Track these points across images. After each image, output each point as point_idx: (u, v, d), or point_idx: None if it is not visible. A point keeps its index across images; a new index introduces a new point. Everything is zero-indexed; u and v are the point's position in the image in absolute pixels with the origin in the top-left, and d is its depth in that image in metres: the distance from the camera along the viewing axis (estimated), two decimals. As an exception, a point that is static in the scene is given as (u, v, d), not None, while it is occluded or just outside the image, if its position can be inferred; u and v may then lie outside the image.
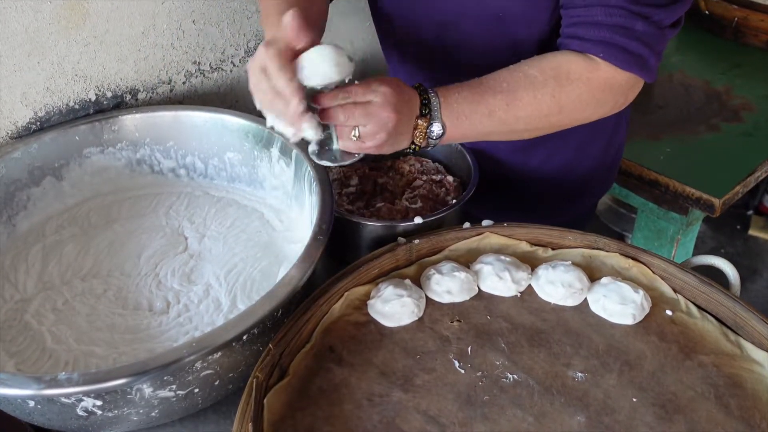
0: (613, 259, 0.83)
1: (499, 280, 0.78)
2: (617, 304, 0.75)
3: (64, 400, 0.62)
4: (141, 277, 0.88)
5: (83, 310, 0.83)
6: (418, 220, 0.88)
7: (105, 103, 1.07)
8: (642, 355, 0.72)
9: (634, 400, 0.67)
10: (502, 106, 0.78)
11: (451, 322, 0.75)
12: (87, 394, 0.61)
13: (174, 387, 0.65)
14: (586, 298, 0.78)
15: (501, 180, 1.08)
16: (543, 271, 0.80)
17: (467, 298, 0.78)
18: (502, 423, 0.65)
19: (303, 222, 0.95)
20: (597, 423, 0.65)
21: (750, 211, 2.39)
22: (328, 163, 0.78)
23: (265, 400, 0.64)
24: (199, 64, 1.16)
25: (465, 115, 0.77)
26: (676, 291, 0.79)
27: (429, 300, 0.78)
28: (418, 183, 1.03)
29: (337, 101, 0.71)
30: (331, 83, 0.71)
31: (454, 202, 0.96)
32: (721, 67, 1.67)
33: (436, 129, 0.77)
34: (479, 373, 0.69)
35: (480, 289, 0.79)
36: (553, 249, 0.85)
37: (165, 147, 1.04)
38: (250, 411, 0.62)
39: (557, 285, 0.78)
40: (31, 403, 0.62)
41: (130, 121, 1.03)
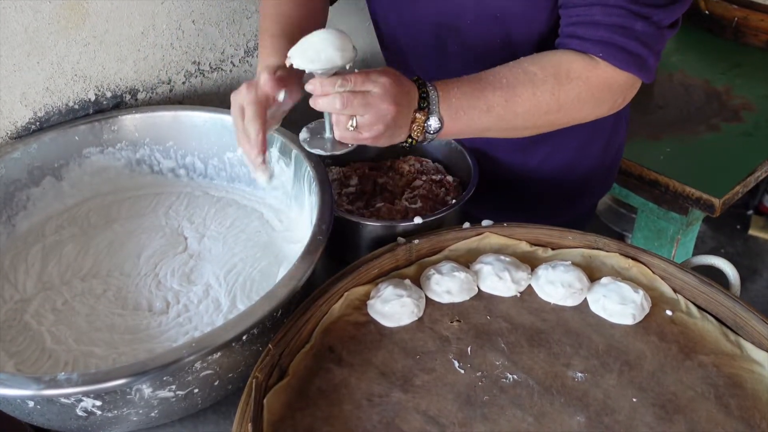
0: (613, 259, 0.83)
1: (498, 280, 0.78)
2: (617, 304, 0.75)
3: (63, 400, 0.62)
4: (140, 278, 0.88)
5: (83, 310, 0.83)
6: (418, 220, 0.88)
7: (104, 103, 1.07)
8: (642, 355, 0.72)
9: (634, 400, 0.67)
10: (501, 102, 0.77)
11: (451, 322, 0.75)
12: (86, 394, 0.61)
13: (173, 387, 0.65)
14: (585, 298, 0.78)
15: (501, 180, 1.08)
16: (543, 271, 0.80)
17: (467, 298, 0.78)
18: (501, 423, 0.64)
19: (303, 222, 0.95)
20: (597, 423, 0.65)
21: (750, 211, 2.39)
22: (320, 151, 0.77)
23: (264, 401, 0.64)
24: (198, 64, 1.16)
25: (463, 109, 0.77)
26: (676, 291, 0.79)
27: (429, 300, 0.78)
28: (417, 183, 1.03)
29: (335, 89, 0.70)
30: (334, 68, 0.70)
31: (454, 202, 0.96)
32: (721, 67, 1.67)
33: (434, 123, 0.76)
34: (479, 374, 0.69)
35: (480, 289, 0.79)
36: (553, 249, 0.85)
37: (165, 147, 1.04)
38: (249, 411, 0.62)
39: (557, 285, 0.78)
40: (31, 404, 0.62)
41: (130, 121, 1.03)
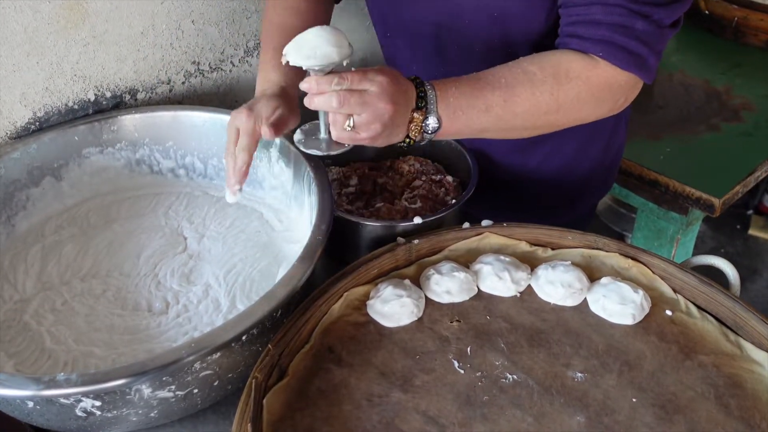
0: (613, 259, 0.83)
1: (498, 280, 0.78)
2: (617, 304, 0.75)
3: (63, 400, 0.62)
4: (140, 278, 0.88)
5: (82, 310, 0.83)
6: (418, 220, 0.88)
7: (104, 103, 1.07)
8: (642, 355, 0.72)
9: (634, 400, 0.67)
10: (499, 102, 0.77)
11: (451, 323, 0.75)
12: (86, 394, 0.61)
13: (173, 387, 0.65)
14: (585, 298, 0.78)
15: (500, 181, 1.07)
16: (542, 271, 0.80)
17: (467, 298, 0.78)
18: (501, 423, 0.64)
19: (302, 222, 0.95)
20: (596, 423, 0.65)
21: (750, 211, 2.39)
22: (316, 151, 0.77)
23: (264, 401, 0.64)
24: (198, 64, 1.16)
25: (462, 109, 0.76)
26: (675, 291, 0.79)
27: (428, 300, 0.78)
28: (417, 183, 1.03)
29: (332, 87, 0.70)
30: (330, 64, 0.70)
31: (454, 202, 0.96)
32: (721, 67, 1.67)
33: (432, 123, 0.75)
34: (479, 374, 0.69)
35: (479, 289, 0.79)
36: (553, 249, 0.85)
37: (164, 147, 1.04)
38: (249, 411, 0.62)
39: (557, 285, 0.78)
40: (30, 404, 0.62)
41: (130, 121, 1.03)
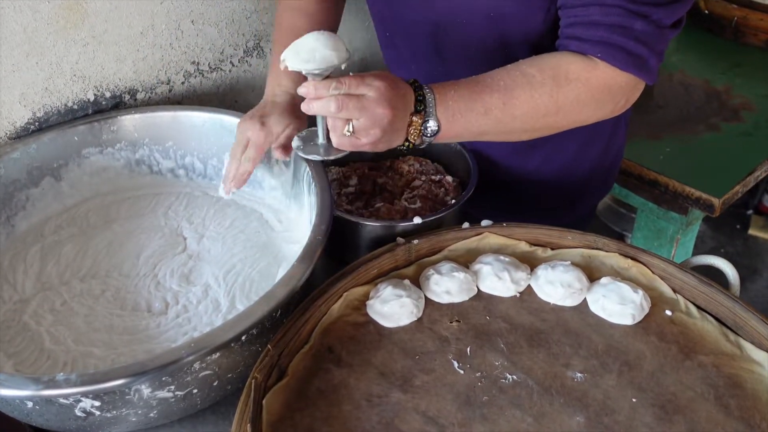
0: (613, 259, 0.83)
1: (498, 281, 0.78)
2: (617, 305, 0.75)
3: (62, 400, 0.62)
4: (140, 278, 0.88)
5: (82, 310, 0.83)
6: (418, 220, 0.88)
7: (103, 103, 1.07)
8: (641, 355, 0.72)
9: (634, 400, 0.67)
10: (498, 105, 0.76)
11: (450, 323, 0.75)
12: (85, 394, 0.61)
13: (172, 388, 0.65)
14: (585, 299, 0.78)
15: (500, 182, 1.07)
16: (542, 271, 0.80)
17: (466, 298, 0.78)
18: (501, 423, 0.64)
19: (302, 222, 0.95)
20: (596, 423, 0.65)
21: (750, 211, 2.39)
22: (316, 157, 0.78)
23: (263, 401, 0.64)
24: (197, 64, 1.16)
25: (460, 112, 0.76)
26: (675, 291, 0.79)
27: (428, 300, 0.78)
28: (417, 183, 1.03)
29: (330, 92, 0.70)
30: (329, 68, 0.70)
31: (454, 202, 0.96)
32: (720, 67, 1.67)
33: (431, 126, 0.75)
34: (478, 374, 0.69)
35: (479, 290, 0.79)
36: (553, 249, 0.85)
37: (164, 147, 1.04)
38: (248, 412, 0.62)
39: (556, 285, 0.78)
40: (30, 404, 0.62)
41: (129, 122, 1.03)
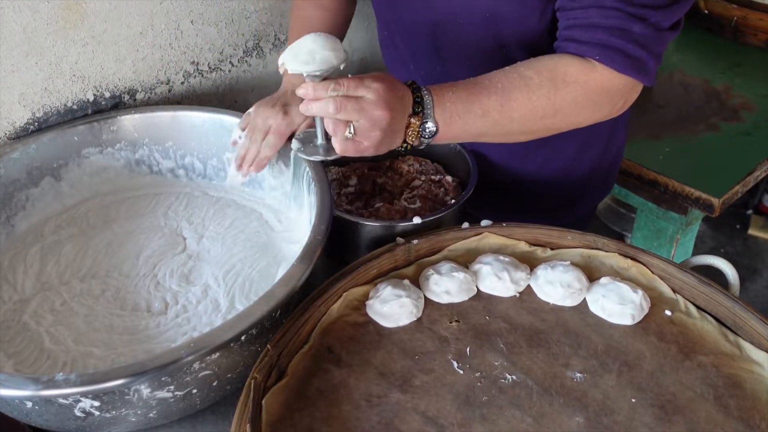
0: (612, 259, 0.83)
1: (497, 281, 0.78)
2: (616, 305, 0.75)
3: (61, 401, 0.62)
4: (139, 278, 0.88)
5: (81, 310, 0.83)
6: (417, 220, 0.88)
7: (103, 103, 1.07)
8: (641, 355, 0.72)
9: (633, 400, 0.67)
10: (496, 107, 0.77)
11: (450, 323, 0.75)
12: (85, 394, 0.61)
13: (172, 388, 0.65)
14: (585, 299, 0.78)
15: (499, 182, 1.07)
16: (542, 271, 0.80)
17: (466, 298, 0.78)
18: (500, 423, 0.64)
19: (302, 222, 0.95)
20: (596, 423, 0.65)
21: (749, 211, 2.39)
22: (317, 157, 0.78)
23: (263, 401, 0.64)
24: (197, 64, 1.16)
25: (458, 114, 0.76)
26: (675, 291, 0.79)
27: (428, 300, 0.78)
28: (417, 183, 1.03)
29: (328, 93, 0.70)
30: (330, 69, 0.70)
31: (453, 202, 0.96)
32: (720, 66, 1.67)
33: (429, 127, 0.76)
34: (478, 374, 0.69)
35: (479, 290, 0.79)
36: (552, 249, 0.85)
37: (164, 147, 1.04)
38: (248, 412, 0.62)
39: (556, 285, 0.78)
40: (29, 404, 0.62)
41: (129, 122, 1.03)
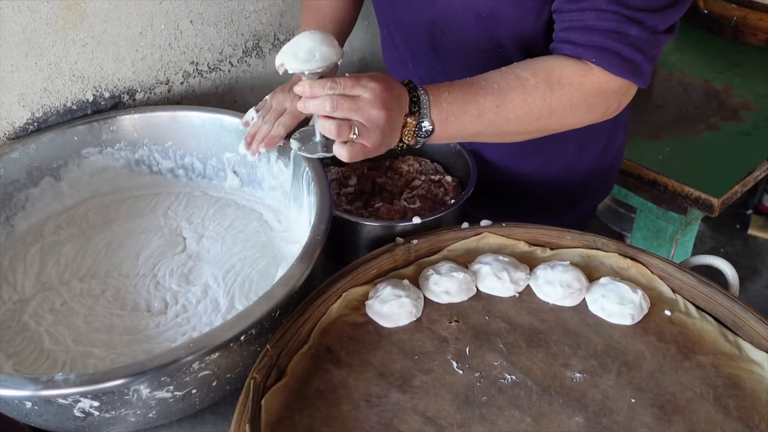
0: (612, 259, 0.83)
1: (497, 281, 0.78)
2: (616, 305, 0.75)
3: (61, 401, 0.62)
4: (139, 278, 0.88)
5: (81, 310, 0.83)
6: (417, 220, 0.88)
7: (102, 103, 1.07)
8: (641, 355, 0.72)
9: (633, 400, 0.67)
10: (492, 108, 0.77)
11: (450, 323, 0.75)
12: (84, 395, 0.61)
13: (171, 388, 0.65)
14: (584, 299, 0.78)
15: (499, 183, 1.07)
16: (541, 271, 0.80)
17: (465, 298, 0.78)
18: (500, 424, 0.64)
19: (301, 222, 0.95)
20: (595, 423, 0.65)
21: (749, 211, 2.39)
22: (319, 154, 0.78)
23: (262, 401, 0.64)
24: (197, 64, 1.16)
25: (454, 114, 0.76)
26: (674, 291, 0.79)
27: (427, 300, 0.78)
28: (416, 183, 1.03)
29: (325, 91, 0.70)
30: (330, 65, 0.71)
31: (453, 202, 0.96)
32: (720, 66, 1.67)
33: (426, 127, 0.76)
34: (477, 374, 0.69)
35: (478, 290, 0.79)
36: (552, 249, 0.85)
37: (163, 147, 1.04)
38: (247, 412, 0.62)
39: (556, 285, 0.78)
40: (29, 404, 0.62)
41: (129, 122, 1.03)
